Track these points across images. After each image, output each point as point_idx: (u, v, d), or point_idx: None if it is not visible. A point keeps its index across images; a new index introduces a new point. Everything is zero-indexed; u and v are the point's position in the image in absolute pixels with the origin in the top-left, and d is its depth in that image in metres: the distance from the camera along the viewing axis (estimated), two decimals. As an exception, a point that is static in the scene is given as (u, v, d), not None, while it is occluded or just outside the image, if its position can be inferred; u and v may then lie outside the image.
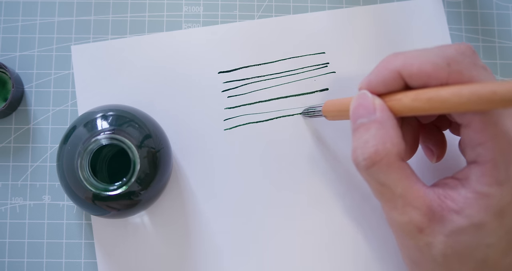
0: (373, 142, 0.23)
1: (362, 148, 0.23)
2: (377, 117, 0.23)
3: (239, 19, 0.35)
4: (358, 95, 0.25)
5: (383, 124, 0.23)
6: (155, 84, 0.34)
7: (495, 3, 0.36)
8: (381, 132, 0.23)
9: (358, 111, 0.24)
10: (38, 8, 0.35)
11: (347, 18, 0.35)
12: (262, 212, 0.32)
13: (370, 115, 0.23)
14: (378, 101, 0.24)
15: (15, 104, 0.33)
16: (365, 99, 0.24)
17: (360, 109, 0.24)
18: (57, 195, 0.33)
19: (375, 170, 0.23)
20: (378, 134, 0.23)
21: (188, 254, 0.32)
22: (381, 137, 0.23)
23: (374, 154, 0.22)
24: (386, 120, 0.23)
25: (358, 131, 0.23)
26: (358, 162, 0.23)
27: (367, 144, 0.23)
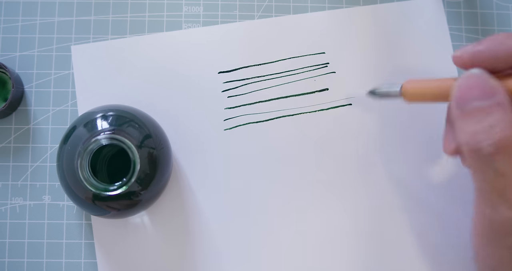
0: (500, 127, 0.20)
1: (486, 132, 0.21)
2: (499, 100, 0.21)
3: (239, 19, 0.35)
4: (470, 74, 0.22)
5: (506, 107, 0.21)
6: (155, 84, 0.34)
7: (495, 3, 0.36)
8: (507, 117, 0.21)
9: (472, 92, 0.22)
10: (38, 8, 0.35)
11: (347, 18, 0.35)
12: (262, 212, 0.32)
13: (490, 98, 0.21)
14: (497, 83, 0.22)
15: (15, 104, 0.33)
16: (481, 80, 0.22)
17: (474, 90, 0.22)
18: (57, 195, 0.33)
19: (500, 158, 0.20)
20: (503, 119, 0.21)
21: (188, 253, 0.32)
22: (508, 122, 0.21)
23: (503, 140, 0.20)
24: (508, 103, 0.21)
25: (475, 115, 0.21)
26: (481, 147, 0.21)
27: (492, 128, 0.20)
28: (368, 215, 0.33)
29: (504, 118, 0.21)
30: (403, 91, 0.27)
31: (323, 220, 0.33)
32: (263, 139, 0.33)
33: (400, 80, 0.28)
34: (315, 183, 0.33)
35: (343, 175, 0.33)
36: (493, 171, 0.21)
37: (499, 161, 0.21)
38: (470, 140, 0.21)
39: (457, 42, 0.35)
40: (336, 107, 0.34)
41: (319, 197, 0.33)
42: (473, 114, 0.21)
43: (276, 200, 0.33)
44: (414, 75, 0.34)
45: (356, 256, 0.32)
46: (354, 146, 0.33)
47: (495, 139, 0.21)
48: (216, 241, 0.32)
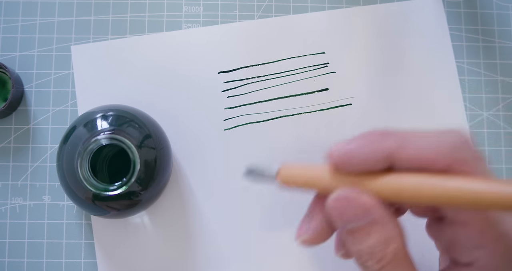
0: (380, 246, 0.21)
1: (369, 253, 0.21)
2: (373, 217, 0.21)
3: (239, 19, 0.35)
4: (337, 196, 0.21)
5: (383, 223, 0.21)
6: (155, 84, 0.34)
7: (495, 3, 0.36)
8: (385, 233, 0.21)
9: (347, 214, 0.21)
10: (38, 8, 0.35)
11: (347, 18, 0.35)
12: (262, 212, 0.32)
13: (365, 218, 0.21)
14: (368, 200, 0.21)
15: (15, 104, 0.33)
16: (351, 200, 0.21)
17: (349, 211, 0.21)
18: (57, 195, 0.33)
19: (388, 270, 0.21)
20: (382, 237, 0.21)
21: (188, 254, 0.32)
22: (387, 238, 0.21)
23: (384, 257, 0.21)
24: (384, 217, 0.21)
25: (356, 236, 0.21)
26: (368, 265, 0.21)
27: (373, 248, 0.21)
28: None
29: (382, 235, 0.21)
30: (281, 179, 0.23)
31: (323, 220, 0.33)
32: (263, 139, 0.33)
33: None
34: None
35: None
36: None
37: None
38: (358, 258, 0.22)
39: (457, 42, 0.35)
40: (336, 107, 0.34)
41: (319, 197, 0.33)
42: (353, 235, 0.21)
43: (276, 199, 0.33)
44: (414, 74, 0.34)
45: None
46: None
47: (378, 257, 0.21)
48: (216, 241, 0.32)
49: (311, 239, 0.24)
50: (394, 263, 0.21)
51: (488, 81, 0.35)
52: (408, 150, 0.21)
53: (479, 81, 0.35)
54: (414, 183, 0.20)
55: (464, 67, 0.35)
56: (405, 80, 0.34)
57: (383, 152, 0.21)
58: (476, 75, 0.35)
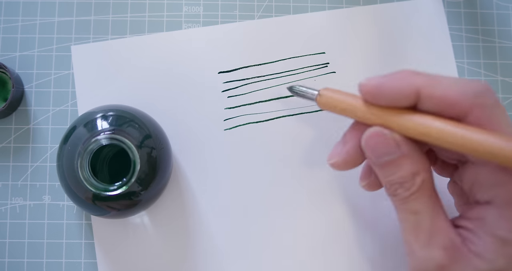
0: (409, 176, 0.23)
1: (399, 182, 0.23)
2: (403, 151, 0.23)
3: (239, 19, 0.35)
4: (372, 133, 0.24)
5: (412, 156, 0.23)
6: (155, 84, 0.34)
7: (495, 3, 0.36)
8: (414, 165, 0.23)
9: (379, 149, 0.24)
10: (38, 8, 0.35)
11: (347, 18, 0.35)
12: (262, 212, 0.32)
13: (395, 152, 0.23)
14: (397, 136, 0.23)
15: (15, 105, 0.33)
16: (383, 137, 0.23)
17: (381, 148, 0.23)
18: (57, 195, 0.33)
19: (413, 199, 0.23)
20: (411, 168, 0.23)
21: (188, 254, 0.32)
22: (416, 169, 0.23)
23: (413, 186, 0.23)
24: (413, 151, 0.23)
25: (387, 168, 0.24)
26: (397, 194, 0.23)
27: (404, 178, 0.23)
28: (369, 214, 0.33)
29: (411, 167, 0.23)
30: (320, 100, 0.27)
31: (324, 220, 0.33)
32: (263, 139, 0.33)
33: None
34: (315, 183, 0.33)
35: (343, 174, 0.33)
36: (409, 212, 0.23)
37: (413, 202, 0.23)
38: (388, 189, 0.24)
39: (457, 42, 0.35)
40: (336, 107, 0.34)
41: (320, 197, 0.33)
42: (385, 168, 0.24)
43: (276, 200, 0.33)
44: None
45: (357, 256, 0.32)
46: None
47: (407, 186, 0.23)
48: (216, 241, 0.32)
49: (342, 162, 0.26)
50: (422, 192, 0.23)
51: (488, 81, 0.35)
52: (435, 88, 0.22)
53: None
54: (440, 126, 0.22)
55: (464, 67, 0.35)
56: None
57: (413, 87, 0.23)
58: (476, 75, 0.35)
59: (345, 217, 0.33)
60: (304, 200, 0.33)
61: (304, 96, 0.29)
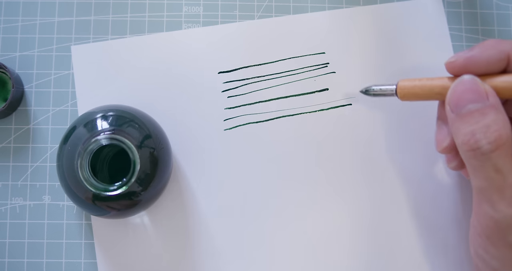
0: (495, 126, 0.22)
1: (484, 132, 0.22)
2: (492, 102, 0.23)
3: (239, 19, 0.35)
4: (463, 80, 0.24)
5: (499, 109, 0.23)
6: (155, 84, 0.34)
7: (495, 3, 0.36)
8: (501, 117, 0.23)
9: (467, 96, 0.23)
10: (38, 8, 0.35)
11: (347, 18, 0.35)
12: (262, 212, 0.32)
13: (483, 101, 0.23)
14: (488, 87, 0.23)
15: (15, 105, 0.33)
16: (474, 84, 0.24)
17: (469, 94, 0.23)
18: (57, 195, 0.33)
19: (497, 155, 0.22)
20: (498, 119, 0.23)
21: (188, 254, 0.32)
22: (502, 122, 0.23)
23: (499, 138, 0.22)
24: (500, 106, 0.23)
25: (472, 116, 0.23)
26: (480, 145, 0.22)
27: (489, 128, 0.22)
28: (369, 214, 0.33)
29: (498, 118, 0.23)
30: (398, 90, 0.28)
31: (324, 220, 0.33)
32: (263, 139, 0.33)
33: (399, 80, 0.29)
34: (315, 183, 0.33)
35: (343, 174, 0.33)
36: (491, 167, 0.22)
37: (496, 158, 0.22)
38: (470, 139, 0.23)
39: (457, 42, 0.35)
40: (336, 107, 0.34)
41: (320, 197, 0.33)
42: (469, 116, 0.23)
43: (276, 200, 0.33)
44: (414, 75, 0.34)
45: (356, 256, 0.32)
46: (355, 146, 0.33)
47: (492, 137, 0.22)
48: (216, 241, 0.32)
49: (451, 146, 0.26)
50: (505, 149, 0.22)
51: (488, 81, 0.35)
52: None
53: (479, 81, 0.35)
54: None
55: (464, 67, 0.35)
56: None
57: (503, 52, 0.24)
58: (476, 75, 0.35)
59: (345, 217, 0.33)
60: (304, 199, 0.33)
61: (384, 94, 0.30)
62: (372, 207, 0.33)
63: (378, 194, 0.33)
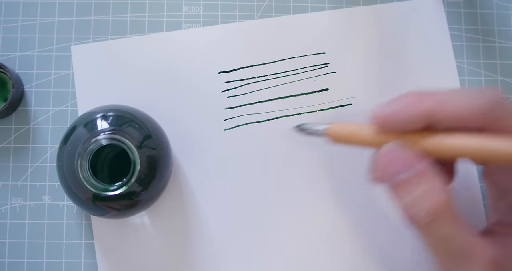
0: (428, 196, 0.21)
1: (418, 205, 0.22)
2: (420, 169, 0.22)
3: (239, 19, 0.35)
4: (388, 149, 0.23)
5: (429, 174, 0.22)
6: (155, 84, 0.34)
7: (495, 3, 0.36)
8: (432, 183, 0.22)
9: (394, 167, 0.22)
10: (38, 8, 0.35)
11: (347, 18, 0.35)
12: (262, 212, 0.32)
13: (411, 169, 0.22)
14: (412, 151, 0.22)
15: (15, 105, 0.33)
16: (399, 153, 0.23)
17: (396, 164, 0.22)
18: (57, 195, 0.33)
19: (437, 224, 0.21)
20: (430, 187, 0.22)
21: (188, 254, 0.32)
22: (434, 189, 0.22)
23: (434, 207, 0.21)
24: (430, 169, 0.22)
25: (404, 188, 0.22)
26: (418, 219, 0.22)
27: (422, 198, 0.22)
28: (370, 215, 0.33)
29: (429, 186, 0.22)
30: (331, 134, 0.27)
31: (324, 220, 0.33)
32: (263, 139, 0.33)
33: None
34: (315, 183, 0.33)
35: (343, 175, 0.33)
36: (436, 237, 0.22)
37: (437, 226, 0.21)
38: (408, 212, 0.22)
39: (457, 42, 0.35)
40: (336, 107, 0.34)
41: (320, 197, 0.33)
42: (401, 188, 0.22)
43: (276, 200, 0.33)
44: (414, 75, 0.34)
45: (357, 257, 0.32)
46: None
47: (427, 208, 0.21)
48: (216, 241, 0.32)
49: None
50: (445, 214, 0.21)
51: (488, 81, 0.35)
52: (448, 108, 0.22)
53: (479, 81, 0.35)
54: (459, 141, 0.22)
55: (464, 67, 0.35)
56: (405, 80, 0.34)
57: (424, 112, 0.22)
58: (476, 75, 0.35)
59: (347, 216, 0.33)
60: (304, 199, 0.33)
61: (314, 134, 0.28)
62: (372, 208, 0.33)
63: (378, 193, 0.33)
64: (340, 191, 0.33)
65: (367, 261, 0.32)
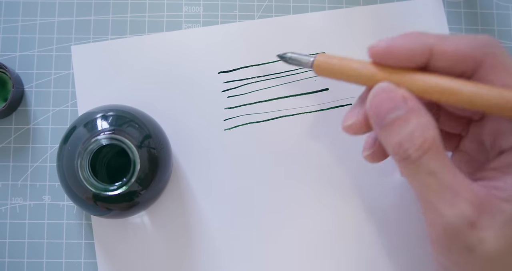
0: (419, 132, 0.22)
1: (409, 140, 0.22)
2: (411, 106, 0.22)
3: (239, 19, 0.35)
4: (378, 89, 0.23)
5: (420, 111, 0.22)
6: (155, 84, 0.34)
7: (495, 3, 0.36)
8: (423, 120, 0.22)
9: (384, 107, 0.23)
10: (38, 8, 0.35)
11: (347, 18, 0.35)
12: (262, 212, 0.32)
13: (402, 107, 0.22)
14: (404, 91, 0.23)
15: (15, 105, 0.33)
16: (390, 91, 0.23)
17: (386, 104, 0.23)
18: (57, 195, 0.33)
19: (426, 159, 0.22)
20: (420, 123, 0.22)
21: (188, 254, 0.32)
22: (425, 125, 0.22)
23: (424, 142, 0.22)
24: (420, 107, 0.22)
25: (395, 125, 0.22)
26: (408, 154, 0.22)
27: (413, 134, 0.22)
28: (370, 214, 0.33)
29: (420, 122, 0.22)
30: (315, 64, 0.26)
31: (324, 220, 0.33)
32: (263, 139, 0.33)
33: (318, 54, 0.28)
34: (315, 183, 0.33)
35: (344, 174, 0.33)
36: (424, 173, 0.22)
37: (427, 162, 0.22)
38: (398, 150, 0.22)
39: (457, 42, 0.35)
40: (336, 107, 0.34)
41: (320, 197, 0.33)
42: (391, 127, 0.23)
43: (276, 200, 0.33)
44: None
45: (358, 257, 0.32)
46: (355, 146, 0.33)
47: (418, 143, 0.22)
48: (216, 241, 0.32)
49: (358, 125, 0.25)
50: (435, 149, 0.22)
51: (488, 81, 0.35)
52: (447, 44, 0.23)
53: (479, 81, 0.35)
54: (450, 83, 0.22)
55: (464, 67, 0.35)
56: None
57: (425, 45, 0.23)
58: (476, 75, 0.35)
59: (347, 216, 0.33)
60: (304, 199, 0.33)
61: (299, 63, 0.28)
62: (374, 207, 0.33)
63: (379, 193, 0.33)
64: (341, 191, 0.33)
65: (368, 261, 0.32)
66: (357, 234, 0.32)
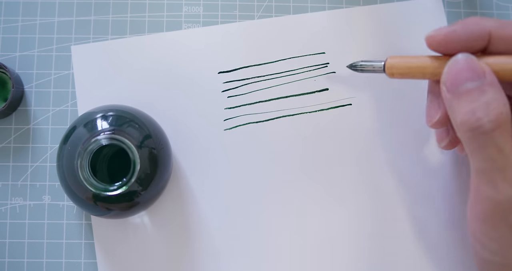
0: (495, 104, 0.22)
1: (484, 109, 0.22)
2: (489, 80, 0.22)
3: (239, 19, 0.35)
4: (459, 58, 0.23)
5: (498, 87, 0.22)
6: (155, 84, 0.34)
7: (495, 3, 0.36)
8: (500, 95, 0.22)
9: (463, 75, 0.23)
10: (38, 8, 0.35)
11: (347, 18, 0.35)
12: (262, 212, 0.32)
13: (481, 79, 0.22)
14: (484, 65, 0.23)
15: (15, 105, 0.33)
16: (471, 62, 0.23)
17: (466, 73, 0.23)
18: (57, 195, 0.33)
19: (498, 133, 0.21)
20: (498, 97, 0.22)
21: (188, 254, 0.32)
22: (501, 99, 0.22)
23: (500, 115, 0.21)
24: (498, 84, 0.23)
25: (470, 94, 0.22)
26: (481, 124, 0.22)
27: (489, 105, 0.22)
28: (369, 215, 0.33)
29: (497, 96, 0.22)
30: (387, 66, 0.28)
31: (324, 220, 0.33)
32: (263, 139, 0.33)
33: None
34: (315, 183, 0.33)
35: (343, 175, 0.33)
36: (493, 147, 0.22)
37: (498, 137, 0.22)
38: (470, 118, 0.22)
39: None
40: (336, 107, 0.34)
41: (320, 197, 0.33)
42: (467, 95, 0.23)
43: (276, 200, 0.33)
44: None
45: (357, 257, 0.32)
46: (354, 146, 0.33)
47: (493, 115, 0.22)
48: (216, 241, 0.32)
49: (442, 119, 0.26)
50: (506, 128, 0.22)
51: (488, 81, 0.35)
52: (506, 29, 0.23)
53: (479, 81, 0.35)
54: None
55: (464, 67, 0.35)
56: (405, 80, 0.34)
57: (485, 30, 0.23)
58: (476, 75, 0.35)
59: (346, 216, 0.33)
60: (304, 199, 0.33)
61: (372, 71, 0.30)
62: (372, 207, 0.33)
63: (378, 193, 0.33)
64: (341, 190, 0.33)
65: (369, 262, 0.32)
66: (356, 234, 0.32)
